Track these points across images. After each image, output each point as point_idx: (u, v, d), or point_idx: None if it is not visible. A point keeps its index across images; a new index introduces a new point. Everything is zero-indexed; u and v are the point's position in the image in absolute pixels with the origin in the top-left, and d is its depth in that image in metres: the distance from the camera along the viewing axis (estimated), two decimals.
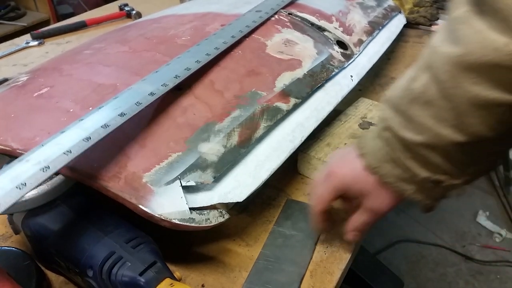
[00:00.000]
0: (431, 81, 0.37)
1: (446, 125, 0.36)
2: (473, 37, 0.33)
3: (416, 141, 0.38)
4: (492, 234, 1.64)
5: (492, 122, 0.35)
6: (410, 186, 0.41)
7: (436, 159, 0.38)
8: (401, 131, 0.39)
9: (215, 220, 0.45)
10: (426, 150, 0.38)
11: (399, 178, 0.41)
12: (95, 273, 0.41)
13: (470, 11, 0.34)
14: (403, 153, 0.40)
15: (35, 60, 0.96)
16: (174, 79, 0.51)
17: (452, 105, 0.35)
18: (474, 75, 0.33)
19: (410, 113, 0.38)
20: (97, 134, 0.42)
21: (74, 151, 0.40)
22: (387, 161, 0.41)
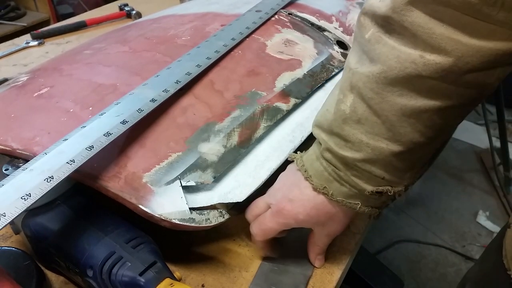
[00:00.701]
0: (358, 100, 0.38)
1: (382, 138, 0.38)
2: (389, 54, 0.35)
3: (357, 158, 0.39)
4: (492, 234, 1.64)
5: (422, 127, 0.37)
6: (358, 201, 0.42)
7: (378, 172, 0.40)
8: (340, 151, 0.40)
9: (215, 220, 0.45)
10: (367, 165, 0.39)
11: (347, 195, 0.42)
12: (95, 273, 0.41)
13: (379, 32, 0.36)
14: (346, 171, 0.41)
15: (35, 60, 0.96)
16: (175, 85, 0.51)
17: (383, 119, 0.37)
18: (398, 88, 0.35)
19: (345, 133, 0.40)
20: (100, 142, 0.42)
21: (78, 160, 0.40)
22: (333, 180, 0.42)
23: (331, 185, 0.42)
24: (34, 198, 0.36)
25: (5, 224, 0.34)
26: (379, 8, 0.35)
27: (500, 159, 1.77)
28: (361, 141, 0.39)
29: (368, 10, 0.37)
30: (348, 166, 0.40)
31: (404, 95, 0.35)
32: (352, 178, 0.41)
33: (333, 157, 0.41)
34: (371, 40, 0.36)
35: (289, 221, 0.45)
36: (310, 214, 0.44)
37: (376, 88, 0.36)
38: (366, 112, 0.38)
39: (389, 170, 0.40)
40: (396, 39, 0.35)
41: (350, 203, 0.42)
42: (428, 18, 0.32)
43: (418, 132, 0.37)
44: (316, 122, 0.44)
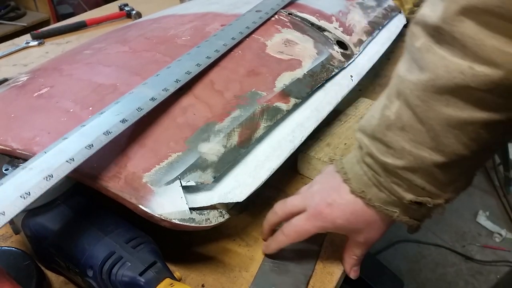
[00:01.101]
0: (404, 107, 0.38)
1: (425, 147, 0.38)
2: (438, 63, 0.35)
3: (398, 165, 0.39)
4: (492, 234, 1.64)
5: (467, 140, 0.36)
6: (396, 208, 0.42)
7: (419, 181, 0.39)
8: (381, 156, 0.40)
9: (215, 220, 0.45)
10: (408, 173, 0.39)
11: (386, 201, 0.42)
12: (95, 273, 0.41)
13: (429, 41, 0.36)
14: (386, 177, 0.41)
15: (35, 60, 0.96)
16: (175, 84, 0.51)
17: (427, 127, 0.37)
18: (445, 98, 0.35)
19: (388, 139, 0.39)
20: (99, 141, 0.42)
21: (77, 159, 0.40)
22: (372, 185, 0.42)
23: (370, 190, 0.42)
24: (34, 197, 0.36)
25: (5, 222, 0.34)
26: (430, 17, 0.35)
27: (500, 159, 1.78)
28: (403, 148, 0.38)
29: (419, 19, 0.37)
30: (388, 172, 0.40)
31: (450, 105, 0.35)
32: (392, 185, 0.40)
33: (374, 162, 0.41)
34: (421, 49, 0.36)
35: (326, 225, 0.45)
36: (349, 220, 0.44)
37: (423, 96, 0.36)
38: (411, 120, 0.38)
39: (430, 181, 0.39)
40: (446, 49, 0.34)
41: (388, 210, 0.42)
42: (479, 29, 0.32)
43: (462, 144, 0.36)
44: (360, 126, 0.44)
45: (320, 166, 0.60)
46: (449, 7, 0.33)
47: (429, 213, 0.43)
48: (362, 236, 0.46)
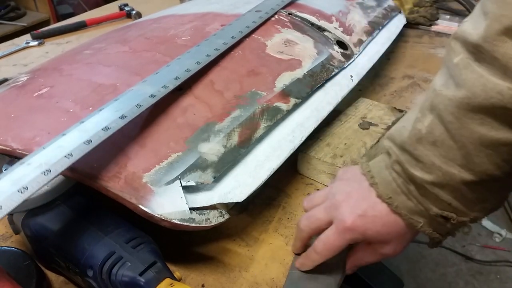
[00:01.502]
0: (437, 122, 0.38)
1: (455, 164, 0.37)
2: (476, 81, 0.34)
3: (426, 179, 0.39)
4: (492, 234, 1.64)
5: (499, 161, 0.36)
6: (422, 219, 0.41)
7: (446, 197, 0.39)
8: (410, 168, 0.39)
9: (215, 220, 0.45)
10: (436, 188, 0.39)
11: (412, 210, 0.41)
12: (95, 273, 0.41)
13: (468, 58, 0.35)
14: (416, 189, 0.40)
15: (35, 60, 0.96)
16: (174, 81, 0.51)
17: (459, 145, 0.36)
18: (479, 117, 0.35)
19: (418, 152, 0.39)
20: (98, 136, 0.42)
21: (75, 154, 0.40)
22: (400, 193, 0.41)
23: (398, 197, 0.41)
24: (31, 191, 0.36)
25: (2, 216, 0.34)
26: (471, 35, 0.35)
27: None
28: (433, 163, 0.38)
29: (459, 35, 0.37)
30: (416, 185, 0.40)
31: (485, 125, 0.35)
32: (419, 196, 0.40)
33: (403, 171, 0.40)
34: (459, 65, 0.36)
35: (356, 237, 0.43)
36: (380, 232, 0.42)
37: (457, 113, 0.36)
38: (443, 135, 0.37)
39: (457, 197, 0.39)
40: (485, 68, 0.34)
41: (413, 219, 0.41)
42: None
43: (494, 164, 0.36)
44: (389, 135, 0.43)
45: (320, 166, 0.60)
46: (491, 26, 0.33)
47: (453, 230, 0.42)
48: (387, 248, 0.44)
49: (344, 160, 0.58)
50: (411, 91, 0.82)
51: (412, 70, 0.89)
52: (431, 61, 0.93)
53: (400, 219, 0.42)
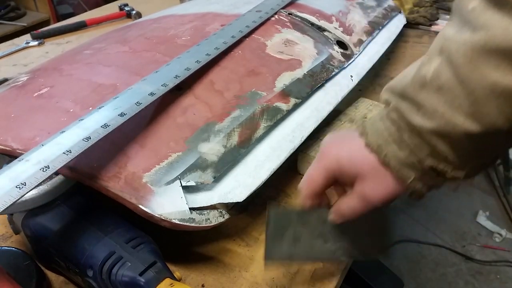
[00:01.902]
0: (445, 66, 0.35)
1: (460, 112, 0.34)
2: (496, 23, 0.32)
3: (426, 127, 0.36)
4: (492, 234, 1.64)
5: (510, 112, 0.33)
6: (412, 172, 0.38)
7: (444, 148, 0.36)
8: (409, 116, 0.37)
9: (215, 220, 0.45)
10: (435, 137, 0.36)
11: (403, 162, 0.38)
12: (95, 273, 0.41)
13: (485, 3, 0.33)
14: (409, 137, 0.37)
15: (35, 60, 0.96)
16: (174, 79, 0.51)
17: (468, 91, 0.33)
18: (495, 60, 0.32)
19: (420, 98, 0.36)
20: (97, 134, 0.42)
21: (74, 150, 0.40)
22: (392, 141, 0.38)
23: (388, 147, 0.38)
24: (29, 187, 0.36)
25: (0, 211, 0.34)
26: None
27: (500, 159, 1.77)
28: (436, 110, 0.35)
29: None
30: (413, 132, 0.37)
31: (500, 70, 0.31)
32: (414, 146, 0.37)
33: (399, 118, 0.38)
34: (476, 9, 0.33)
35: (329, 164, 0.41)
36: (353, 158, 0.40)
37: (471, 54, 0.33)
38: (451, 80, 0.34)
39: (456, 150, 0.36)
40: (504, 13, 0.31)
41: (403, 172, 0.38)
42: None
43: (503, 115, 0.33)
44: (387, 86, 0.40)
45: None
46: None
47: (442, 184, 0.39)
48: (364, 185, 0.41)
49: None
50: None
51: None
52: None
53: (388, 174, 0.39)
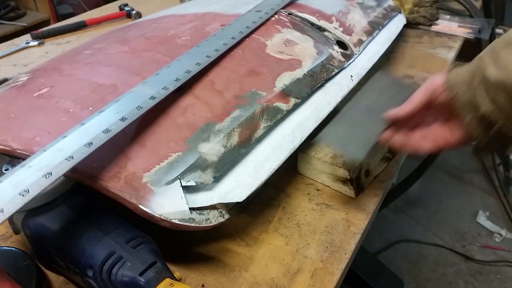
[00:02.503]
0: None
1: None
2: None
3: (495, 76, 0.42)
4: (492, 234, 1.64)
5: None
6: (471, 113, 0.45)
7: (503, 100, 0.42)
8: (487, 64, 0.43)
9: (215, 220, 0.45)
10: (498, 88, 0.42)
11: (466, 102, 0.45)
12: (95, 273, 0.41)
13: None
14: (480, 83, 0.44)
15: (35, 60, 0.96)
16: (174, 82, 0.51)
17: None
18: None
19: (501, 53, 0.42)
20: (99, 139, 0.42)
21: (76, 157, 0.40)
22: (464, 82, 0.45)
23: (462, 86, 0.45)
24: (32, 194, 0.36)
25: (3, 219, 0.34)
26: None
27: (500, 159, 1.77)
28: (508, 63, 0.41)
29: None
30: (484, 79, 0.43)
31: None
32: (480, 90, 0.43)
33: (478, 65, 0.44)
34: None
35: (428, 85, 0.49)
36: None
37: None
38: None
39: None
40: None
41: (464, 110, 0.45)
42: None
43: None
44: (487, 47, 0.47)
45: (320, 166, 0.60)
46: None
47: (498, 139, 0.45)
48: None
49: (344, 160, 0.58)
50: None
51: (412, 70, 0.89)
52: (431, 61, 0.93)
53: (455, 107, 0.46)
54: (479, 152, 0.47)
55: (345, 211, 0.56)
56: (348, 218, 0.55)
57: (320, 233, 0.53)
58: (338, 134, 0.53)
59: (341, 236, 0.53)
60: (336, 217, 0.56)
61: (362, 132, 0.53)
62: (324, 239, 0.53)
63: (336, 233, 0.53)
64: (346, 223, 0.55)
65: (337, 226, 0.54)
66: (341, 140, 0.53)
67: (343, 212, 0.56)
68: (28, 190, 0.36)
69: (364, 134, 0.52)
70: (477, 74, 0.44)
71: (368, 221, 0.55)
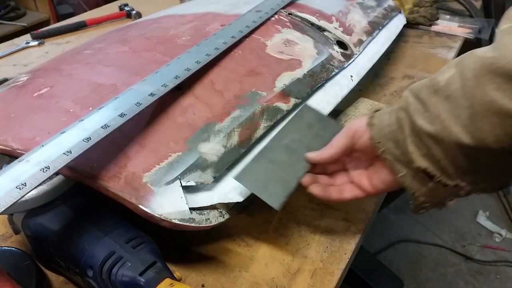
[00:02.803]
0: (457, 77, 0.37)
1: (458, 122, 0.37)
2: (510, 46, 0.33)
3: (426, 129, 0.39)
4: (492, 234, 1.64)
5: (501, 133, 0.34)
6: (404, 169, 0.42)
7: (438, 153, 0.39)
8: (415, 115, 0.40)
9: (215, 220, 0.45)
10: (431, 140, 0.39)
11: (397, 159, 0.42)
12: (95, 273, 0.41)
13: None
14: (409, 136, 0.41)
15: (35, 60, 0.96)
16: (174, 80, 0.51)
17: (468, 104, 0.36)
18: (498, 81, 0.34)
19: (429, 102, 0.39)
20: (97, 134, 0.42)
21: (74, 151, 0.40)
22: (390, 139, 0.42)
23: (386, 143, 0.43)
24: (30, 188, 0.36)
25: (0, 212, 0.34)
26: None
27: None
28: (438, 115, 0.38)
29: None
30: (413, 132, 0.40)
31: (500, 91, 0.33)
32: (411, 145, 0.41)
33: (406, 117, 0.41)
34: (503, 31, 0.35)
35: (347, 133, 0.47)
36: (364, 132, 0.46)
37: (479, 71, 0.35)
38: (458, 91, 0.37)
39: (448, 157, 0.39)
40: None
41: (396, 166, 0.43)
42: None
43: (494, 134, 0.35)
44: (410, 87, 0.44)
45: None
46: None
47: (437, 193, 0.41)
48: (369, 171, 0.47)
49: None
50: None
51: (412, 70, 0.89)
52: (431, 61, 0.93)
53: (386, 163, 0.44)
54: (419, 209, 0.44)
55: (345, 211, 0.56)
56: (348, 218, 0.55)
57: (320, 233, 0.53)
58: (257, 175, 0.48)
59: (341, 236, 0.53)
60: (336, 217, 0.55)
61: (282, 173, 0.48)
62: (324, 239, 0.53)
63: (336, 233, 0.53)
64: (346, 223, 0.55)
65: (337, 226, 0.54)
66: (259, 182, 0.47)
67: (343, 212, 0.56)
68: (25, 183, 0.36)
69: (284, 176, 0.48)
70: (405, 126, 0.41)
71: (368, 221, 0.55)
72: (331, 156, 0.48)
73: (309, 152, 0.50)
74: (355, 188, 0.49)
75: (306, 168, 0.49)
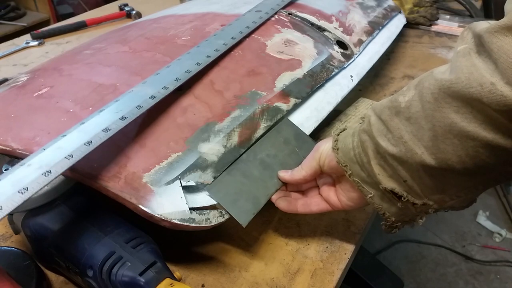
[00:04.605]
0: (417, 99, 0.38)
1: (420, 144, 0.37)
2: (466, 69, 0.34)
3: (390, 151, 0.39)
4: (492, 234, 1.64)
5: (463, 154, 0.35)
6: (373, 191, 0.43)
7: (403, 173, 0.39)
8: (379, 137, 0.40)
9: (215, 220, 0.45)
10: (396, 162, 0.39)
11: (364, 181, 0.43)
12: (95, 273, 0.41)
13: (471, 49, 0.35)
14: (373, 158, 0.41)
15: (35, 60, 0.96)
16: (174, 82, 0.51)
17: (429, 126, 0.36)
18: (457, 104, 0.34)
19: (392, 124, 0.40)
20: (98, 138, 0.42)
21: (76, 155, 0.40)
22: (356, 162, 0.43)
23: (353, 166, 0.43)
24: (31, 192, 0.36)
25: (2, 217, 0.34)
26: (480, 25, 0.35)
27: None
28: (401, 137, 0.38)
29: (472, 25, 0.36)
30: (377, 154, 0.41)
31: (459, 113, 0.34)
32: (376, 166, 0.41)
33: (369, 139, 0.41)
34: (459, 52, 0.36)
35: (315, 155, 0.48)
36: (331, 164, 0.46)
37: (437, 94, 0.35)
38: (418, 113, 0.37)
39: (414, 177, 0.39)
40: (481, 60, 0.33)
41: (364, 189, 0.43)
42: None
43: (457, 156, 0.35)
44: (373, 106, 0.44)
45: None
46: (500, 20, 0.32)
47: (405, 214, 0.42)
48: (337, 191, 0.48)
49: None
50: None
51: (412, 70, 0.89)
52: (431, 61, 0.93)
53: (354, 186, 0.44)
54: (391, 229, 0.45)
55: (345, 211, 0.56)
56: (348, 218, 0.55)
57: (320, 233, 0.53)
58: (228, 188, 0.47)
59: (341, 236, 0.53)
60: (336, 217, 0.56)
61: (254, 189, 0.48)
62: (324, 239, 0.53)
63: (336, 233, 0.53)
64: (346, 223, 0.55)
65: (337, 226, 0.54)
66: (229, 195, 0.46)
67: (343, 212, 0.56)
68: (27, 188, 0.36)
69: (255, 192, 0.48)
70: (369, 148, 0.41)
71: (368, 221, 0.55)
72: (302, 178, 0.49)
73: (281, 171, 0.50)
74: (322, 201, 0.49)
75: (277, 186, 0.50)
